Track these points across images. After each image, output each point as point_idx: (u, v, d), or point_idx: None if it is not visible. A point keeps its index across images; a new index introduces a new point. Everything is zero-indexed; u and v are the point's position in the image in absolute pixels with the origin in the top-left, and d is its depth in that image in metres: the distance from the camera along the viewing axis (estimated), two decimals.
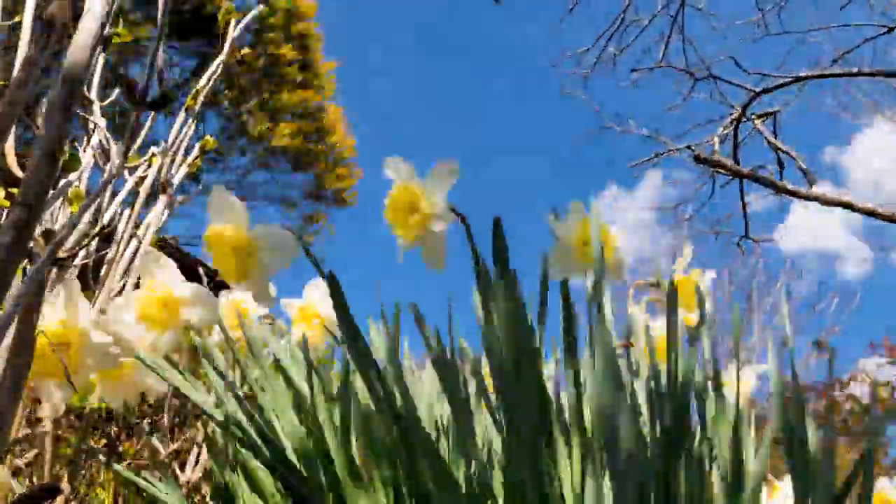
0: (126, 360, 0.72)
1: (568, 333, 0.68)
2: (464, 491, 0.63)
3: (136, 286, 0.94)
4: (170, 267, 0.75)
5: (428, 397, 0.90)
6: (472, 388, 0.90)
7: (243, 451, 0.78)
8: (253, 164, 7.72)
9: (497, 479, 0.71)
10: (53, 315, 0.64)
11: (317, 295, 1.02)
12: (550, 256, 0.77)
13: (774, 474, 0.96)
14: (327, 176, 7.88)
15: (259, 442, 0.69)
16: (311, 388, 0.77)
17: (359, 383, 0.76)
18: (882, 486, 1.04)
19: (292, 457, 0.70)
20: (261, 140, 7.14)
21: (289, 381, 0.81)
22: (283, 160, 7.78)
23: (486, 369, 0.82)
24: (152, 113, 0.98)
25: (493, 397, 0.70)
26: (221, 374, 0.82)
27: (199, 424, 1.31)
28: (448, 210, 0.66)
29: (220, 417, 0.73)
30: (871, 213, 3.16)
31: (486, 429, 0.88)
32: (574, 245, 0.77)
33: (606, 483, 0.59)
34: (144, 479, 0.84)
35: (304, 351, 0.85)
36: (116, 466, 0.80)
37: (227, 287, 0.99)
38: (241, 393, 0.78)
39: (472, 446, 0.63)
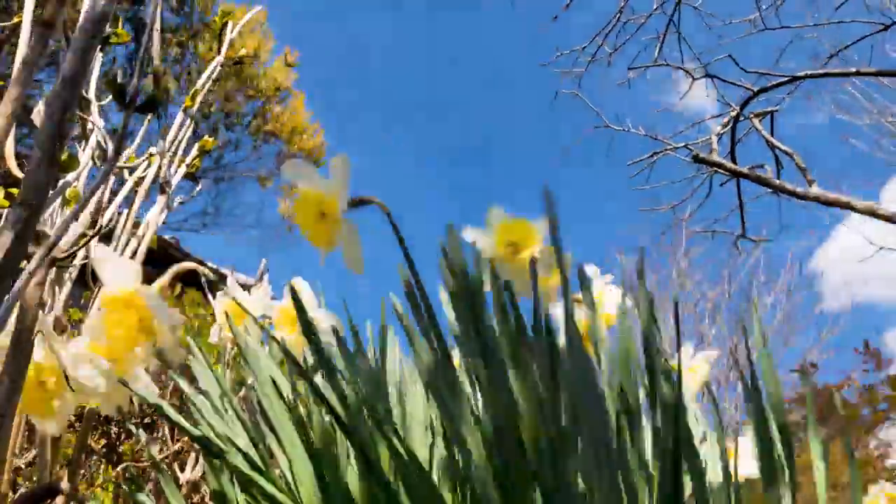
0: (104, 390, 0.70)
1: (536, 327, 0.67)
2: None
3: None
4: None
5: (422, 396, 0.90)
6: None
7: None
8: (221, 139, 7.68)
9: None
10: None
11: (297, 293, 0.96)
12: None
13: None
14: (295, 138, 7.86)
15: (241, 461, 0.69)
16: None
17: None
18: (888, 488, 1.05)
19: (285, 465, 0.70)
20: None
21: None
22: (245, 136, 7.78)
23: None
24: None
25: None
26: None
27: None
28: (346, 210, 0.62)
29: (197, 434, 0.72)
30: (870, 213, 3.17)
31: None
32: (500, 252, 0.74)
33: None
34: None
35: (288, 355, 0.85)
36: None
37: (223, 287, 0.99)
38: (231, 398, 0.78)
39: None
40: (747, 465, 0.78)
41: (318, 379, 0.84)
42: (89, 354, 0.67)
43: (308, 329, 0.63)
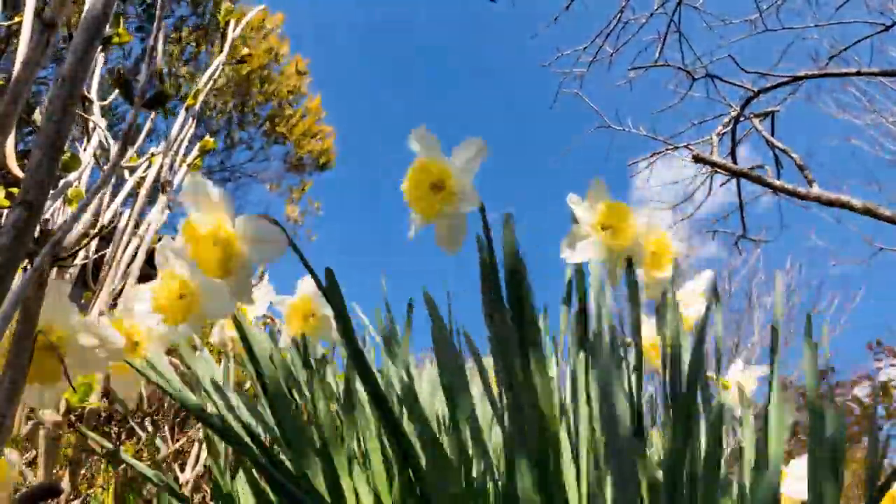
0: (115, 364, 0.70)
1: (579, 322, 0.67)
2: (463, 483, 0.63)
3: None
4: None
5: (429, 395, 0.90)
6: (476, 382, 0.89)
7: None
8: (230, 140, 7.63)
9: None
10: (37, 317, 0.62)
11: (310, 289, 0.93)
12: (566, 238, 0.74)
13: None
14: (304, 141, 7.83)
15: (249, 441, 0.69)
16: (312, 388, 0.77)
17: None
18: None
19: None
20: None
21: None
22: (258, 137, 7.74)
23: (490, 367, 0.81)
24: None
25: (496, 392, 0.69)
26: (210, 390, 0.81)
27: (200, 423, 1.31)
28: (475, 192, 0.62)
29: (214, 420, 0.72)
30: (871, 214, 3.16)
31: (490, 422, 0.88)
32: (593, 228, 0.73)
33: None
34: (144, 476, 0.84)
35: (302, 350, 0.85)
36: (127, 458, 0.79)
37: None
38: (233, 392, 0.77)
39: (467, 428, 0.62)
40: (797, 487, 0.79)
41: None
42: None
43: (340, 315, 0.62)
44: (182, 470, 1.31)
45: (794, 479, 0.80)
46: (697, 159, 3.71)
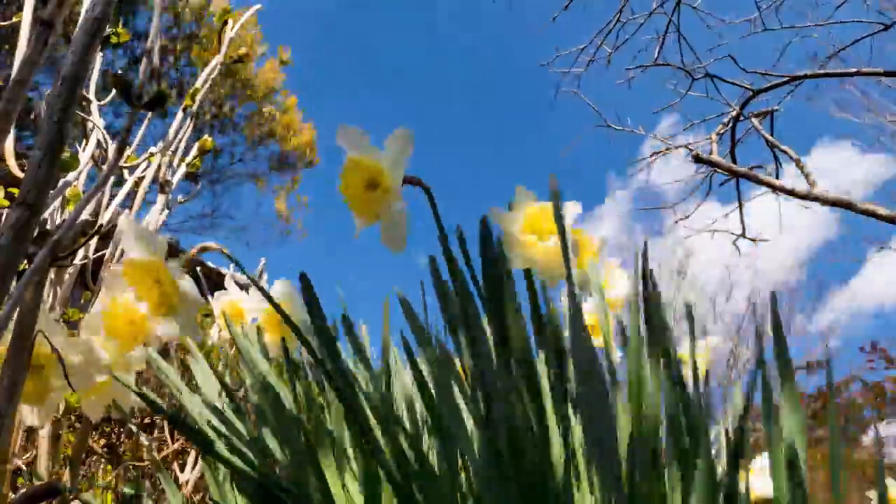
0: (101, 379, 0.69)
1: (538, 323, 0.67)
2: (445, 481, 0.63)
3: None
4: None
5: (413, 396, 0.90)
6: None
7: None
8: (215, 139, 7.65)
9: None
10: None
11: (286, 291, 0.89)
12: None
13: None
14: (287, 137, 7.86)
15: (230, 454, 0.68)
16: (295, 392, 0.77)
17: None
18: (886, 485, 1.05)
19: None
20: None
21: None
22: (242, 137, 7.77)
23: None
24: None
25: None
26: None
27: None
28: (400, 185, 0.59)
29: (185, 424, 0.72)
30: (871, 214, 3.16)
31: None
32: (521, 236, 0.71)
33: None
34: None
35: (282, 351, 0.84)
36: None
37: (222, 288, 0.98)
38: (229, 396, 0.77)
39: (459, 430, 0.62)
40: (765, 484, 0.79)
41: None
42: (96, 333, 0.67)
43: (317, 320, 0.62)
44: (182, 470, 1.31)
45: (760, 474, 0.80)
46: (697, 159, 3.72)
